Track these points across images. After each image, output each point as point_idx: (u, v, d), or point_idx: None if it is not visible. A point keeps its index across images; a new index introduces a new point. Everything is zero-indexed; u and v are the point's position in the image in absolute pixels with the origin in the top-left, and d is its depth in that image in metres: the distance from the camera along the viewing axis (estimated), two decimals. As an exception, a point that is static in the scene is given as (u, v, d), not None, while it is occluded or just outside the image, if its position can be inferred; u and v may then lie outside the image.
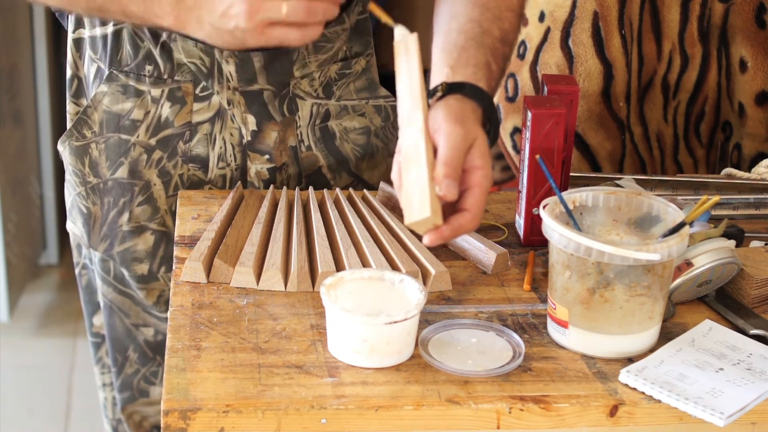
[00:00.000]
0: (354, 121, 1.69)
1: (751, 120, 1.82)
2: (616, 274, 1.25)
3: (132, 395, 1.79)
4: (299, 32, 1.34)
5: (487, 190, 1.31)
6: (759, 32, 1.79)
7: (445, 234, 1.28)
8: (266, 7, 1.32)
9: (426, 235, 1.28)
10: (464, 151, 1.30)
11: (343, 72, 1.68)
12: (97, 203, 1.67)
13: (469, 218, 1.29)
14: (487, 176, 1.31)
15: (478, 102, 1.36)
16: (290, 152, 1.66)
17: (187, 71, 1.60)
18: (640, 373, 1.24)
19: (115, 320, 1.74)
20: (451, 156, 1.28)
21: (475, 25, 1.45)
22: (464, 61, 1.40)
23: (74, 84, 1.67)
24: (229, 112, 1.62)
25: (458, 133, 1.30)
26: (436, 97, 1.36)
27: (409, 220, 1.26)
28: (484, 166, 1.31)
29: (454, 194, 1.28)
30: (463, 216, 1.29)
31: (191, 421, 1.16)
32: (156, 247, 1.67)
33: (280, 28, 1.33)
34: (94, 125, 1.64)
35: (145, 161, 1.63)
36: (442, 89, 1.36)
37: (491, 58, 1.42)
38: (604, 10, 1.81)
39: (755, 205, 1.63)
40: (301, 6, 1.32)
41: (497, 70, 1.44)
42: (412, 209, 1.26)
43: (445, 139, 1.29)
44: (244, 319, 1.33)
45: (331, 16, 1.35)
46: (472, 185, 1.30)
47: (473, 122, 1.33)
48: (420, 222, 1.26)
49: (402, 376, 1.24)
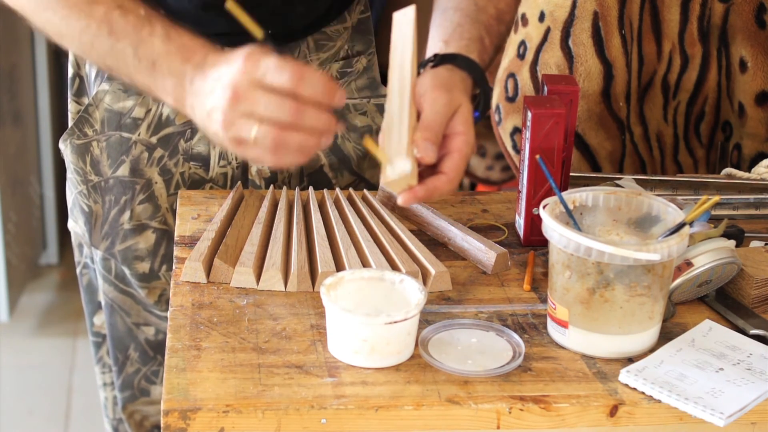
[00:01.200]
0: (355, 120, 1.70)
1: (751, 120, 1.82)
2: (616, 274, 1.25)
3: (133, 394, 1.79)
4: (273, 157, 1.24)
5: (467, 156, 1.33)
6: (759, 32, 1.79)
7: (419, 194, 1.31)
8: (239, 125, 1.22)
9: (400, 194, 1.30)
10: (446, 117, 1.33)
11: (344, 71, 1.68)
12: (98, 201, 1.67)
13: (444, 180, 1.31)
14: (468, 143, 1.33)
15: (468, 72, 1.40)
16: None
17: None
18: (640, 373, 1.24)
19: (116, 319, 1.74)
20: (432, 120, 1.31)
21: (470, 3, 1.49)
22: (458, 35, 1.44)
23: (76, 83, 1.67)
24: None
25: (442, 99, 1.33)
26: (428, 66, 1.40)
27: (386, 179, 1.29)
28: (466, 132, 1.33)
29: (431, 157, 1.30)
30: (438, 178, 1.32)
31: (191, 421, 1.17)
32: (157, 246, 1.67)
33: (254, 148, 1.24)
34: (95, 123, 1.64)
35: (146, 159, 1.64)
36: (434, 60, 1.40)
37: (485, 34, 1.46)
38: (604, 10, 1.81)
39: (755, 205, 1.63)
40: (270, 135, 1.22)
41: (490, 45, 1.47)
42: (391, 168, 1.29)
43: (429, 104, 1.33)
44: (244, 319, 1.33)
45: (308, 151, 1.25)
46: (451, 150, 1.33)
47: (460, 91, 1.36)
48: (396, 181, 1.28)
49: (402, 376, 1.24)
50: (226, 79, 1.23)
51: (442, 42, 1.44)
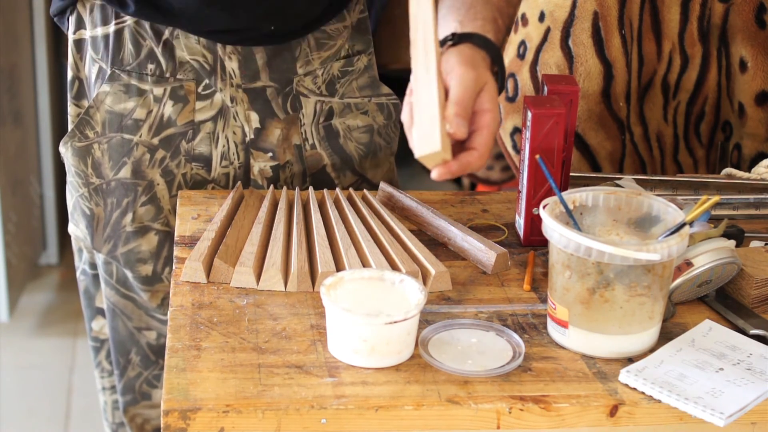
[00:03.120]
0: (357, 119, 1.70)
1: (751, 120, 1.82)
2: (616, 274, 1.25)
3: (134, 398, 1.79)
4: None
5: (494, 133, 1.37)
6: (759, 32, 1.79)
7: (453, 168, 1.32)
8: None
9: (435, 169, 1.31)
10: (475, 92, 1.35)
11: (345, 69, 1.68)
12: (100, 204, 1.66)
13: (476, 156, 1.34)
14: (495, 119, 1.36)
15: (487, 51, 1.42)
16: (295, 151, 1.66)
17: (190, 69, 1.60)
18: (640, 373, 1.24)
19: (117, 323, 1.74)
20: (462, 96, 1.33)
21: None
22: (472, 15, 1.46)
23: (75, 85, 1.67)
24: (232, 109, 1.63)
25: (470, 76, 1.35)
26: (447, 45, 1.41)
27: (420, 153, 1.30)
28: (493, 110, 1.36)
29: (463, 132, 1.32)
30: (470, 154, 1.34)
31: (191, 421, 1.16)
32: (160, 248, 1.67)
33: None
34: (96, 126, 1.63)
35: (148, 161, 1.63)
36: (453, 39, 1.42)
37: (497, 15, 1.48)
38: (604, 10, 1.81)
39: (755, 205, 1.63)
40: None
41: (503, 26, 1.50)
42: (423, 143, 1.30)
43: (458, 81, 1.34)
44: (244, 319, 1.33)
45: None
46: (481, 126, 1.35)
47: (484, 68, 1.38)
48: (430, 156, 1.29)
49: (402, 376, 1.24)
50: None
51: (457, 22, 1.46)
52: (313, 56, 1.64)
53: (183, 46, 1.59)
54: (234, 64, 1.60)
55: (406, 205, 1.58)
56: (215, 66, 1.60)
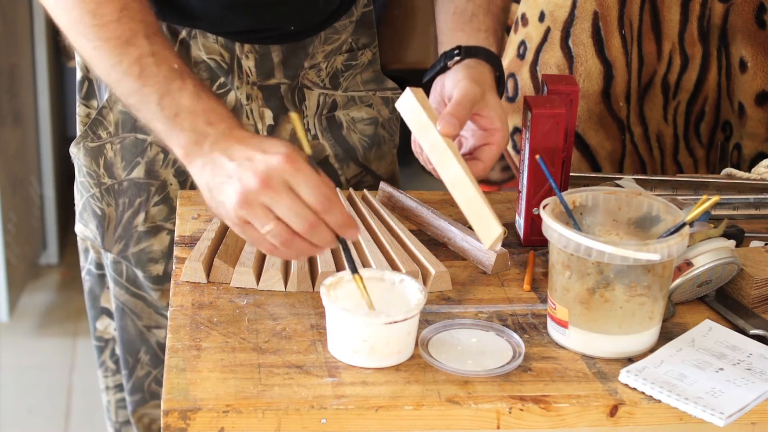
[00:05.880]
0: (361, 111, 1.70)
1: (751, 120, 1.82)
2: (616, 274, 1.25)
3: (143, 397, 1.78)
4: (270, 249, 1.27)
5: (502, 150, 1.46)
6: (759, 32, 1.79)
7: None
8: (256, 211, 1.24)
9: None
10: (474, 103, 1.42)
11: (349, 63, 1.68)
12: (111, 204, 1.66)
13: (481, 167, 1.44)
14: (505, 138, 1.45)
15: (491, 65, 1.48)
16: (297, 142, 1.66)
17: (204, 68, 1.60)
18: (640, 373, 1.24)
19: (126, 322, 1.73)
20: (461, 101, 1.41)
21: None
22: (475, 26, 1.52)
23: (84, 86, 1.66)
24: (246, 107, 1.63)
25: (474, 91, 1.42)
26: (454, 60, 1.47)
27: (489, 244, 1.37)
28: (503, 129, 1.45)
29: (450, 131, 1.39)
30: (476, 164, 1.44)
31: (191, 421, 1.16)
32: (171, 247, 1.67)
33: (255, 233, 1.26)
34: (109, 126, 1.63)
35: (161, 161, 1.63)
36: (459, 53, 1.48)
37: (497, 25, 1.54)
38: (604, 10, 1.81)
39: (755, 205, 1.63)
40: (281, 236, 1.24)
41: (501, 36, 1.55)
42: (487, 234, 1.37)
43: (461, 91, 1.42)
44: (244, 319, 1.33)
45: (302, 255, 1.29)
46: (491, 142, 1.45)
47: (489, 86, 1.46)
48: (497, 239, 1.36)
49: (402, 376, 1.24)
50: (260, 165, 1.24)
51: (461, 31, 1.51)
52: (318, 50, 1.65)
53: (201, 45, 1.59)
54: (251, 62, 1.60)
55: (406, 205, 1.58)
56: (232, 64, 1.60)
